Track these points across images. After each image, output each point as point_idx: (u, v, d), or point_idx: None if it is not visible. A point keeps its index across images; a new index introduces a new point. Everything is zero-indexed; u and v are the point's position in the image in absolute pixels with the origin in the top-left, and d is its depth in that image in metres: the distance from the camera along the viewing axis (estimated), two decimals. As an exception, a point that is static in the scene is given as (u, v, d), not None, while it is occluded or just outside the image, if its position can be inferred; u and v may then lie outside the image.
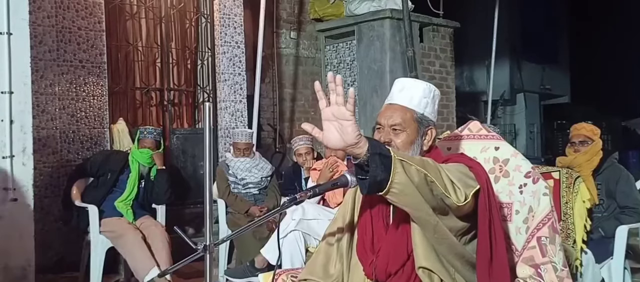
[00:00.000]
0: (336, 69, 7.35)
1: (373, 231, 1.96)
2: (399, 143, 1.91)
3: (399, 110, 1.95)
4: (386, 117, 1.95)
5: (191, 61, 5.96)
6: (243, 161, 4.74)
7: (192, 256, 1.72)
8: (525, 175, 2.18)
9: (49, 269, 4.19)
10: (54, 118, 4.79)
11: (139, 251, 4.04)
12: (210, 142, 1.62)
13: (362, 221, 2.00)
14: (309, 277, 2.06)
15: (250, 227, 2.15)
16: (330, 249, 2.09)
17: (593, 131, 3.73)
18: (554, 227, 2.03)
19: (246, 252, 4.23)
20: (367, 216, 1.99)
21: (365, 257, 1.95)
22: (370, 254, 1.93)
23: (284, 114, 7.01)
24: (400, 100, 1.97)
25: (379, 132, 1.95)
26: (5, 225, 3.60)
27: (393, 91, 2.00)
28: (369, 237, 1.95)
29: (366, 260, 1.94)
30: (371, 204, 1.98)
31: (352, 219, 2.08)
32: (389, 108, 1.97)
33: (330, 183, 1.94)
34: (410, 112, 1.94)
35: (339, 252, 2.07)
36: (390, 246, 1.88)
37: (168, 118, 5.74)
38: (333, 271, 2.06)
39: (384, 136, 1.93)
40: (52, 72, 4.76)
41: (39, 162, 4.50)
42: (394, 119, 1.94)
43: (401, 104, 1.97)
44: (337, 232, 2.10)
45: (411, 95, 1.96)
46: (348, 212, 2.10)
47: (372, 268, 1.90)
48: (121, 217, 4.27)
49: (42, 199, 4.52)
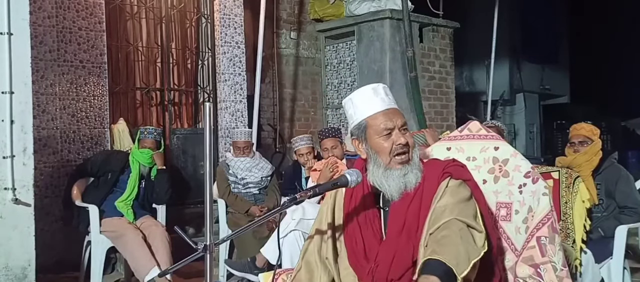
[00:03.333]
0: (336, 69, 7.36)
1: (364, 241, 1.93)
2: (411, 143, 1.92)
3: (398, 112, 1.96)
4: (392, 120, 1.92)
5: (191, 61, 5.97)
6: (243, 161, 4.75)
7: (193, 256, 1.73)
8: (525, 175, 2.18)
9: (50, 269, 4.20)
10: (55, 118, 4.79)
11: (139, 251, 4.05)
12: (210, 142, 1.63)
13: (349, 232, 1.97)
14: None
15: (251, 227, 2.16)
16: (312, 264, 2.05)
17: (592, 131, 3.73)
18: (554, 227, 2.03)
19: (246, 252, 4.24)
20: (355, 228, 1.96)
21: (359, 266, 1.93)
22: (364, 262, 1.91)
23: (284, 114, 7.02)
24: (392, 103, 1.97)
25: (388, 137, 1.91)
26: (5, 225, 3.60)
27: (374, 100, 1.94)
28: (361, 247, 1.93)
29: (362, 268, 1.92)
30: (358, 216, 1.96)
31: (332, 227, 2.04)
32: (388, 112, 1.94)
33: (331, 183, 1.95)
34: (402, 113, 1.98)
35: (322, 264, 2.02)
36: (391, 254, 1.86)
37: (168, 118, 5.75)
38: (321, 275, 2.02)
39: (398, 138, 1.89)
40: (52, 72, 4.77)
41: (40, 162, 4.51)
42: (401, 119, 1.94)
43: (394, 106, 1.97)
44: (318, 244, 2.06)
45: (391, 97, 1.99)
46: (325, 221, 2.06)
47: (370, 276, 1.88)
48: (122, 217, 4.28)
49: (42, 199, 4.52)
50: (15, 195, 3.61)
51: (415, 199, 1.87)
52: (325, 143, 4.34)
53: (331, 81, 7.43)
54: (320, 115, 7.43)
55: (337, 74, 7.37)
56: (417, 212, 1.85)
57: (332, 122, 7.27)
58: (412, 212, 1.86)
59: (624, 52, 12.61)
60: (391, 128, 1.92)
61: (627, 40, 12.57)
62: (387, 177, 1.90)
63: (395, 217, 1.89)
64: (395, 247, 1.85)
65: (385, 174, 1.90)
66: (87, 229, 4.29)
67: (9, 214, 3.61)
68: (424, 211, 1.83)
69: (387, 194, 1.91)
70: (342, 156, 4.31)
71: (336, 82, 7.38)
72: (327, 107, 7.45)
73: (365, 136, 1.95)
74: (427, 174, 1.92)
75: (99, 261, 4.20)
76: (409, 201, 1.87)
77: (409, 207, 1.87)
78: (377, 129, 1.92)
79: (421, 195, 1.87)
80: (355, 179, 1.88)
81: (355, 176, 1.88)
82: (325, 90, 7.45)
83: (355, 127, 1.97)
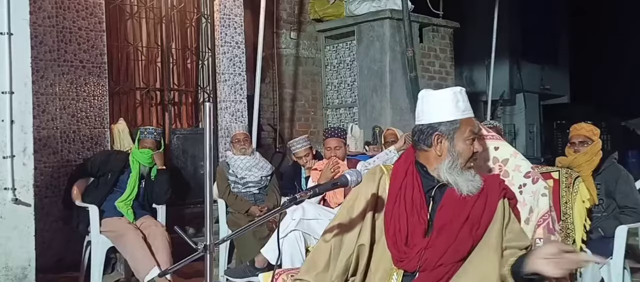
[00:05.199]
0: (336, 69, 7.36)
1: (408, 227, 1.99)
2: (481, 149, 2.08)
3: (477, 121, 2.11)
4: (475, 127, 2.07)
5: (191, 61, 5.97)
6: (243, 159, 4.75)
7: (193, 256, 1.73)
8: (525, 175, 2.18)
9: (50, 269, 4.20)
10: (55, 118, 4.79)
11: (139, 251, 4.05)
12: (210, 142, 1.62)
13: (393, 216, 2.02)
14: (304, 278, 2.03)
15: (251, 227, 2.16)
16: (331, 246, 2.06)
17: (593, 131, 3.73)
18: (549, 227, 2.04)
19: (246, 252, 4.24)
20: (401, 214, 2.01)
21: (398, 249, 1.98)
22: (404, 246, 1.97)
23: (284, 114, 7.02)
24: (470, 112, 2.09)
25: (472, 143, 2.03)
26: (5, 225, 3.60)
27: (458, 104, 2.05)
28: (404, 232, 1.99)
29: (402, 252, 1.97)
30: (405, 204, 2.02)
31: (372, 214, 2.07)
32: (473, 120, 2.07)
33: (331, 183, 1.95)
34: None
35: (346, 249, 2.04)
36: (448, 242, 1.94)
37: (168, 118, 5.75)
38: (336, 266, 2.03)
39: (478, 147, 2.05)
40: (52, 72, 4.77)
41: (40, 162, 4.50)
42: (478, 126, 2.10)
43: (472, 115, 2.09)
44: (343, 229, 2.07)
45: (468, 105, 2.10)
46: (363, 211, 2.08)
47: (417, 258, 1.94)
48: (122, 217, 4.27)
49: (42, 199, 4.52)
50: (15, 195, 3.60)
51: (480, 200, 1.99)
52: (329, 142, 4.31)
53: (331, 81, 7.43)
54: (320, 115, 7.43)
55: (337, 74, 7.37)
56: (480, 213, 1.97)
57: (332, 122, 7.28)
58: (476, 212, 1.97)
59: (624, 52, 12.62)
60: (477, 134, 2.06)
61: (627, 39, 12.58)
62: (461, 176, 2.00)
63: (450, 211, 1.98)
64: (454, 237, 1.94)
65: (460, 174, 2.01)
66: (87, 229, 4.28)
67: (9, 214, 3.60)
68: (488, 213, 1.97)
69: (459, 190, 2.00)
70: (344, 157, 4.29)
71: (336, 82, 7.38)
72: (327, 107, 7.45)
73: (453, 135, 2.02)
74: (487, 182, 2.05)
75: (99, 261, 4.19)
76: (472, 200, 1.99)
77: (474, 206, 1.98)
78: (466, 133, 2.02)
79: (485, 198, 1.99)
80: (356, 180, 1.89)
81: (355, 177, 1.89)
82: (325, 90, 7.45)
83: (448, 123, 2.03)
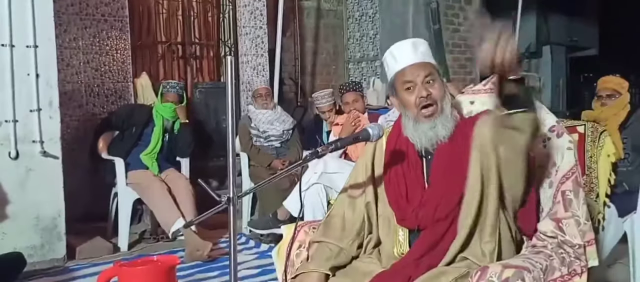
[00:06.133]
0: (358, 22, 7.25)
1: (407, 186, 1.97)
2: (436, 95, 1.91)
3: (422, 65, 1.93)
4: (414, 74, 1.91)
5: (212, 15, 5.93)
6: (265, 113, 4.77)
7: (216, 208, 1.75)
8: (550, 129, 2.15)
9: (78, 219, 4.31)
10: (79, 72, 4.84)
11: (165, 203, 4.14)
12: (232, 95, 1.62)
13: (392, 179, 2.01)
14: (323, 240, 2.04)
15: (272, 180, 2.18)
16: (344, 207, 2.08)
17: (621, 84, 3.65)
18: (578, 181, 2.01)
19: (269, 204, 4.30)
20: (398, 174, 1.99)
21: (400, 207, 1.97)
22: (405, 204, 1.96)
23: (306, 68, 6.97)
24: (418, 58, 1.94)
25: (410, 91, 1.92)
26: (35, 177, 3.70)
27: (402, 55, 1.95)
28: (403, 191, 1.97)
29: (403, 209, 1.96)
30: (401, 165, 1.99)
31: (372, 176, 2.07)
32: (413, 66, 1.93)
33: (352, 137, 1.94)
34: (431, 66, 1.95)
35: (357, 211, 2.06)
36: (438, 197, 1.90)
37: (190, 72, 5.76)
38: (351, 231, 2.04)
39: (420, 91, 1.89)
40: (75, 26, 4.79)
41: (65, 115, 4.56)
42: (425, 70, 1.92)
43: (423, 60, 1.94)
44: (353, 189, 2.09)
45: (423, 51, 1.96)
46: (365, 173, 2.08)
47: (414, 215, 1.92)
48: (147, 170, 4.36)
49: (70, 152, 4.60)
50: (43, 148, 3.69)
51: (456, 147, 1.91)
52: (347, 97, 4.31)
53: (353, 34, 7.33)
54: (342, 69, 7.37)
55: (359, 27, 7.26)
56: (458, 159, 1.89)
57: (354, 76, 7.21)
58: (455, 160, 1.90)
59: (657, 3, 12.17)
60: (411, 81, 1.92)
61: (660, -10, 12.11)
62: (417, 130, 1.93)
63: (438, 164, 1.93)
64: (442, 191, 1.90)
65: (415, 127, 1.93)
66: (113, 181, 4.38)
67: (38, 166, 3.70)
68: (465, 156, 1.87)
69: (417, 146, 1.95)
70: (364, 110, 4.29)
71: (358, 35, 7.28)
72: (349, 61, 7.37)
73: (395, 90, 1.98)
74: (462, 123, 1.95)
75: (126, 212, 4.30)
76: (450, 149, 1.91)
77: (451, 155, 1.91)
78: (400, 83, 1.94)
79: (460, 142, 1.91)
80: (377, 133, 1.88)
81: (377, 130, 1.87)
82: (347, 44, 7.36)
83: (391, 81, 2.00)
